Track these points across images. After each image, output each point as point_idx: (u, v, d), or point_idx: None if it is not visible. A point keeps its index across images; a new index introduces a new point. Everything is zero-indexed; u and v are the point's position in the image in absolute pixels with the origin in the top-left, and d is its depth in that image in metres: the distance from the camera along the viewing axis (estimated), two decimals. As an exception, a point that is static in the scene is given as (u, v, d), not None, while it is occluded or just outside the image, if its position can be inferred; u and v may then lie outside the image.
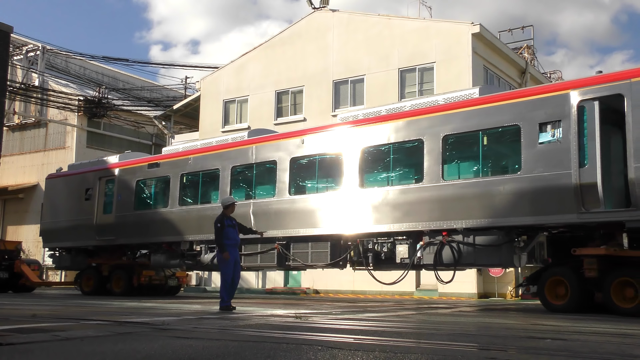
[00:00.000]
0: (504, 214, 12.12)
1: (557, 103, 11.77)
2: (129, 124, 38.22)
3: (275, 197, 15.94)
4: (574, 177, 11.30)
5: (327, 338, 6.04)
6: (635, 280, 10.89)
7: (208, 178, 17.72)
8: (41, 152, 36.63)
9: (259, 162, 16.55)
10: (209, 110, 30.47)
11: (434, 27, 24.86)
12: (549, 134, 11.82)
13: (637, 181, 10.68)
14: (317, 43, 27.53)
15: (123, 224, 19.38)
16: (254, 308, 12.34)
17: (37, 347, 4.91)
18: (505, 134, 12.67)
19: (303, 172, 15.85)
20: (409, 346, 5.48)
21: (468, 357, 4.71)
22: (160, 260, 18.88)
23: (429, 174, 13.28)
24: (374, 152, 14.51)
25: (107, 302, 14.20)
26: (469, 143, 13.16)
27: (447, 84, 23.63)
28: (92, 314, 9.31)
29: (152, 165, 19.17)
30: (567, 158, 11.43)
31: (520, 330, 7.46)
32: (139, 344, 5.19)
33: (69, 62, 40.03)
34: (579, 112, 11.51)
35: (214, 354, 4.59)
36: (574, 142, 11.41)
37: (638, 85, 10.94)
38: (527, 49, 32.66)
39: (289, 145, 15.95)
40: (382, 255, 14.21)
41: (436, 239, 13.10)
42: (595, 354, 5.10)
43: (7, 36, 5.19)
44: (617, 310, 11.02)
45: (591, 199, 11.11)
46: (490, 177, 12.51)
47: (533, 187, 11.78)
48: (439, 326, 8.04)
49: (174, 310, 11.22)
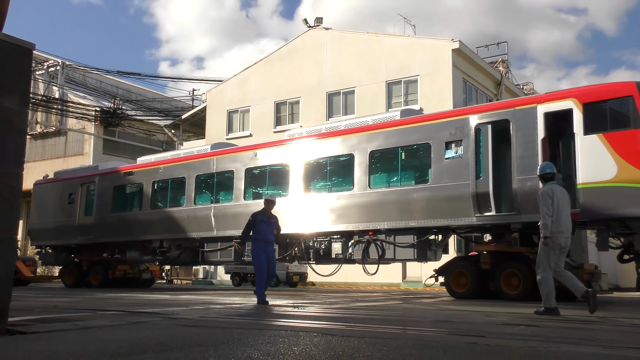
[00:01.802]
0: (418, 217, 13.18)
1: (459, 125, 12.90)
2: (141, 132, 38.13)
3: (232, 202, 16.83)
4: (471, 187, 12.42)
5: (322, 325, 6.03)
6: (520, 271, 12.03)
7: (176, 185, 18.57)
8: (61, 159, 36.48)
9: (219, 172, 17.43)
10: (215, 119, 30.45)
11: (418, 43, 24.93)
12: (453, 150, 12.97)
13: (519, 191, 11.82)
14: (312, 58, 27.55)
15: (102, 225, 20.10)
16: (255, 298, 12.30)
17: (58, 335, 4.89)
18: (418, 150, 13.71)
19: (256, 181, 16.77)
20: (396, 333, 5.48)
21: (450, 343, 4.71)
22: (135, 256, 19.78)
23: (358, 183, 14.34)
24: (314, 164, 15.49)
25: (121, 295, 14.16)
26: (390, 157, 14.23)
27: (430, 94, 23.69)
28: (108, 305, 9.27)
29: (128, 173, 20.06)
30: (466, 171, 12.55)
31: (497, 318, 7.47)
32: (150, 332, 5.17)
33: (87, 76, 39.93)
34: (476, 133, 12.64)
35: (220, 340, 4.58)
36: (472, 158, 12.54)
37: (520, 112, 12.13)
38: (502, 63, 32.74)
39: (244, 158, 16.93)
40: (321, 251, 15.45)
41: (364, 238, 14.18)
42: (565, 339, 5.11)
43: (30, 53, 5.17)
44: (505, 296, 12.09)
45: (485, 205, 12.29)
46: (407, 187, 13.53)
47: (440, 195, 12.91)
48: (423, 315, 8.04)
49: (182, 301, 11.18)
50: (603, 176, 10.99)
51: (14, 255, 4.94)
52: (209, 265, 27.63)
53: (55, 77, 37.55)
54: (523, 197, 11.75)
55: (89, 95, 39.38)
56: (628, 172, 10.76)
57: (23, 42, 5.09)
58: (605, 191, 10.96)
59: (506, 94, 27.93)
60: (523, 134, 11.96)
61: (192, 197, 17.72)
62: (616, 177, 10.86)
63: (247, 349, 4.14)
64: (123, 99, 38.70)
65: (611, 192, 10.91)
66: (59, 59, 37.69)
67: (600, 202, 11.02)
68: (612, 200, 10.91)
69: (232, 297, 12.96)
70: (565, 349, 4.38)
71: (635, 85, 11.20)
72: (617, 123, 11.12)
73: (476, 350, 4.23)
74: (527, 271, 11.79)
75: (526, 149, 11.86)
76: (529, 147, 11.82)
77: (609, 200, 10.93)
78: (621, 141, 10.94)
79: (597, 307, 7.79)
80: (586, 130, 11.31)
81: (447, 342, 4.74)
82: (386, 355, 3.89)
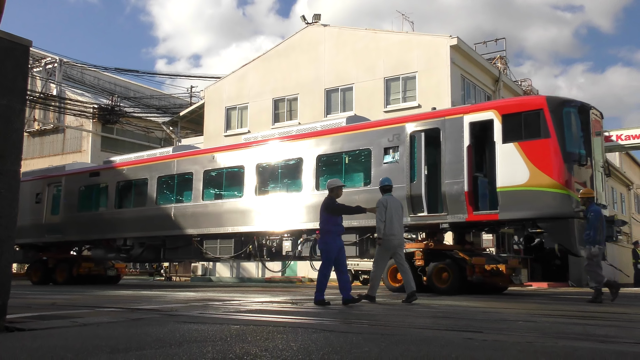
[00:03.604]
0: (361, 217, 13.59)
1: (396, 133, 14.02)
2: (139, 130, 38.11)
3: (191, 202, 17.71)
4: (406, 190, 13.54)
5: (321, 321, 6.04)
6: (449, 267, 13.14)
7: (139, 185, 19.33)
8: (59, 156, 36.46)
9: (180, 173, 18.28)
10: (213, 116, 30.42)
11: (416, 39, 24.91)
12: (391, 156, 14.06)
13: (447, 193, 12.99)
14: (310, 55, 27.52)
15: (68, 223, 20.76)
16: (254, 295, 12.32)
17: (57, 332, 4.89)
18: (360, 155, 14.80)
19: (213, 182, 17.64)
20: (395, 328, 5.49)
21: (448, 338, 4.73)
22: (99, 254, 20.49)
23: (306, 185, 15.36)
24: (266, 167, 16.52)
25: (120, 292, 14.17)
26: (336, 162, 15.33)
27: (428, 91, 23.69)
28: (106, 302, 9.28)
29: (94, 174, 20.86)
30: (402, 175, 13.64)
31: (495, 314, 7.49)
32: (149, 329, 5.18)
33: (84, 74, 39.87)
34: (411, 140, 13.76)
35: (218, 337, 4.59)
36: (407, 163, 13.67)
37: (450, 121, 13.26)
38: (500, 59, 32.72)
39: (203, 160, 17.73)
40: (273, 249, 16.39)
41: (312, 237, 15.10)
42: (562, 334, 5.13)
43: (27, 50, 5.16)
44: (436, 290, 13.13)
45: (418, 206, 13.45)
46: (350, 189, 14.26)
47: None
48: (421, 311, 8.06)
49: (181, 298, 11.19)
50: (517, 181, 12.21)
51: (12, 253, 4.95)
52: (207, 262, 27.66)
53: (53, 74, 37.49)
54: (451, 199, 12.92)
55: (87, 92, 39.33)
56: (538, 177, 12.00)
57: (20, 38, 5.08)
58: (520, 194, 12.17)
59: (504, 91, 27.93)
60: (451, 141, 13.12)
61: (154, 198, 18.63)
62: (528, 182, 12.08)
63: (245, 344, 4.15)
64: (121, 96, 38.66)
65: (524, 195, 12.12)
66: (57, 56, 37.68)
67: (515, 204, 12.19)
68: (525, 202, 12.10)
69: (231, 294, 12.98)
70: (562, 344, 4.40)
71: (546, 99, 12.52)
72: (530, 133, 12.32)
73: (473, 346, 4.25)
74: (456, 267, 13.03)
75: (454, 155, 13.01)
76: (457, 154, 12.97)
77: (523, 202, 12.12)
78: (533, 149, 12.18)
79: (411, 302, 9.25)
80: (504, 139, 12.52)
81: (445, 337, 4.76)
82: (384, 351, 3.90)
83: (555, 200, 11.86)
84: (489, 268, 13.00)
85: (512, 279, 13.47)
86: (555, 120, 12.12)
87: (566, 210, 11.77)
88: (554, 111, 12.19)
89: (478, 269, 12.83)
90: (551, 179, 11.91)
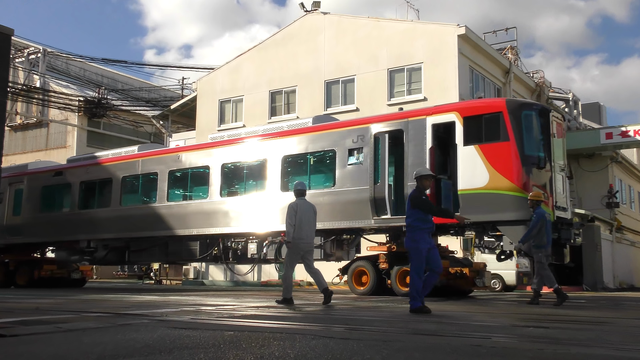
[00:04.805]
0: (325, 219, 14.36)
1: (361, 134, 14.50)
2: (128, 124, 38.09)
3: (156, 203, 18.05)
4: (370, 192, 14.05)
5: (320, 327, 6.05)
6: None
7: (103, 186, 19.70)
8: (43, 152, 36.45)
9: (144, 174, 18.69)
10: (205, 109, 30.39)
11: (421, 28, 24.89)
12: (355, 157, 14.52)
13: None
14: (308, 44, 27.50)
15: (30, 225, 20.97)
16: (249, 300, 12.34)
17: (41, 338, 4.90)
18: (325, 157, 15.31)
19: (179, 183, 18.13)
20: (398, 334, 5.51)
21: (455, 345, 4.74)
22: (62, 256, 20.95)
23: (271, 186, 15.76)
24: (232, 167, 17.01)
25: (107, 296, 14.18)
26: (301, 163, 15.88)
27: (434, 83, 23.68)
28: (92, 307, 9.29)
29: (57, 173, 21.08)
30: (366, 177, 14.16)
31: (504, 319, 7.50)
32: (138, 335, 5.19)
33: (69, 64, 39.86)
34: (375, 142, 14.23)
35: (210, 343, 4.60)
36: (371, 165, 14.14)
37: (413, 123, 13.83)
38: (510, 49, 32.70)
39: (168, 160, 18.13)
40: (238, 251, 16.79)
41: (277, 239, 15.51)
42: (575, 340, 5.14)
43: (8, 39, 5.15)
44: (399, 293, 13.59)
45: (382, 208, 13.91)
46: (315, 190, 14.80)
47: (344, 199, 14.50)
48: (426, 316, 8.07)
49: (172, 302, 11.20)
50: (477, 183, 12.83)
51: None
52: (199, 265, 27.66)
53: (36, 65, 37.46)
54: None
55: (72, 84, 39.32)
56: (497, 180, 12.63)
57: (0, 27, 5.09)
58: (480, 197, 12.79)
59: (515, 83, 27.93)
60: (414, 143, 13.71)
61: (118, 198, 18.97)
62: (488, 185, 12.71)
63: (239, 352, 4.16)
64: (108, 88, 38.64)
65: (484, 198, 12.72)
66: (40, 45, 37.61)
67: (476, 207, 12.72)
68: (484, 205, 12.68)
69: (224, 299, 13.00)
70: (575, 351, 4.42)
71: (505, 102, 13.31)
72: (490, 136, 12.97)
73: (482, 353, 4.26)
74: None
75: (417, 157, 13.57)
76: (419, 156, 13.54)
77: (482, 205, 12.69)
78: (492, 152, 12.84)
79: (329, 301, 9.97)
80: (465, 141, 13.14)
81: (451, 344, 4.77)
82: (386, 359, 3.91)
83: (514, 203, 12.47)
84: (453, 271, 13.67)
85: (476, 282, 14.19)
86: (514, 123, 12.76)
87: (524, 214, 12.21)
88: (513, 114, 12.81)
89: None
90: (510, 182, 12.54)
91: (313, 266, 10.46)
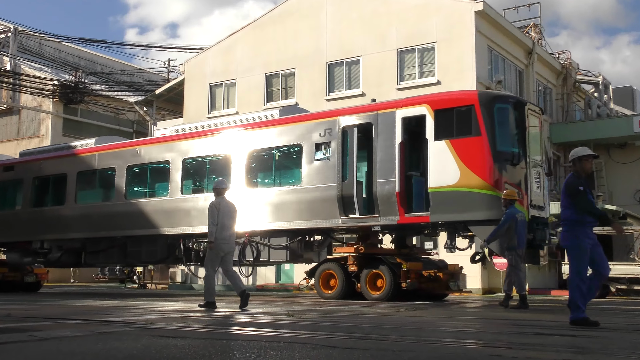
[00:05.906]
0: (290, 219, 14.91)
1: (328, 127, 14.78)
2: (108, 110, 38.06)
3: (113, 200, 18.45)
4: (337, 189, 14.32)
5: (321, 336, 6.06)
6: (383, 273, 13.96)
7: (57, 182, 19.90)
8: (14, 142, 36.45)
9: (101, 169, 19.01)
10: (194, 94, 30.35)
11: (435, 4, 24.79)
12: (322, 152, 14.83)
13: (379, 194, 13.81)
14: (309, 22, 27.43)
15: None
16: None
17: (13, 348, 4.92)
18: (291, 152, 15.60)
19: (137, 179, 18.40)
20: (408, 344, 5.51)
21: (472, 355, 4.74)
22: (14, 258, 20.99)
23: (236, 183, 15.86)
24: (193, 162, 17.39)
25: (87, 301, 14.21)
26: (266, 158, 16.19)
27: (449, 65, 23.62)
28: (69, 314, 9.31)
29: (7, 168, 21.30)
30: (333, 173, 14.45)
31: (527, 327, 7.51)
32: (120, 344, 5.20)
33: (43, 45, 39.79)
34: (343, 136, 14.52)
35: (200, 353, 4.61)
36: (339, 161, 14.43)
37: (383, 116, 14.10)
38: (534, 27, 32.61)
39: (126, 154, 18.35)
40: (201, 253, 16.65)
41: (240, 240, 15.36)
42: (605, 350, 5.14)
43: (-25, 15, 5.14)
44: (369, 297, 14.00)
45: (349, 207, 14.17)
46: (281, 187, 15.38)
47: (310, 197, 14.79)
48: (438, 323, 8.09)
49: (158, 308, 11.23)
50: (448, 181, 13.13)
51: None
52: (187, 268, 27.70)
53: (6, 45, 37.42)
54: (382, 199, 13.75)
55: (46, 66, 39.26)
56: (469, 178, 12.92)
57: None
58: (450, 195, 13.10)
59: (539, 65, 27.88)
60: (384, 137, 13.98)
61: (73, 196, 19.12)
62: (459, 182, 13.00)
63: (233, 362, 4.17)
64: (86, 71, 38.59)
65: (455, 197, 13.03)
66: (10, 24, 37.54)
67: (446, 205, 13.10)
68: (455, 204, 13.02)
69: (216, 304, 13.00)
70: (605, 361, 4.42)
71: (477, 94, 13.64)
72: (461, 130, 13.30)
73: (501, 364, 4.26)
74: (390, 273, 13.87)
75: (385, 152, 13.85)
76: (389, 151, 13.81)
77: (453, 204, 13.04)
78: (464, 148, 13.14)
79: (247, 304, 10.50)
80: (436, 136, 13.43)
81: (468, 354, 4.78)
82: (395, 370, 3.92)
83: (485, 202, 12.83)
84: (426, 274, 14.01)
85: (450, 286, 14.53)
86: (486, 117, 13.04)
87: (496, 213, 12.48)
88: (486, 107, 13.09)
89: (413, 274, 13.82)
90: (481, 179, 12.87)
91: (231, 268, 11.00)
